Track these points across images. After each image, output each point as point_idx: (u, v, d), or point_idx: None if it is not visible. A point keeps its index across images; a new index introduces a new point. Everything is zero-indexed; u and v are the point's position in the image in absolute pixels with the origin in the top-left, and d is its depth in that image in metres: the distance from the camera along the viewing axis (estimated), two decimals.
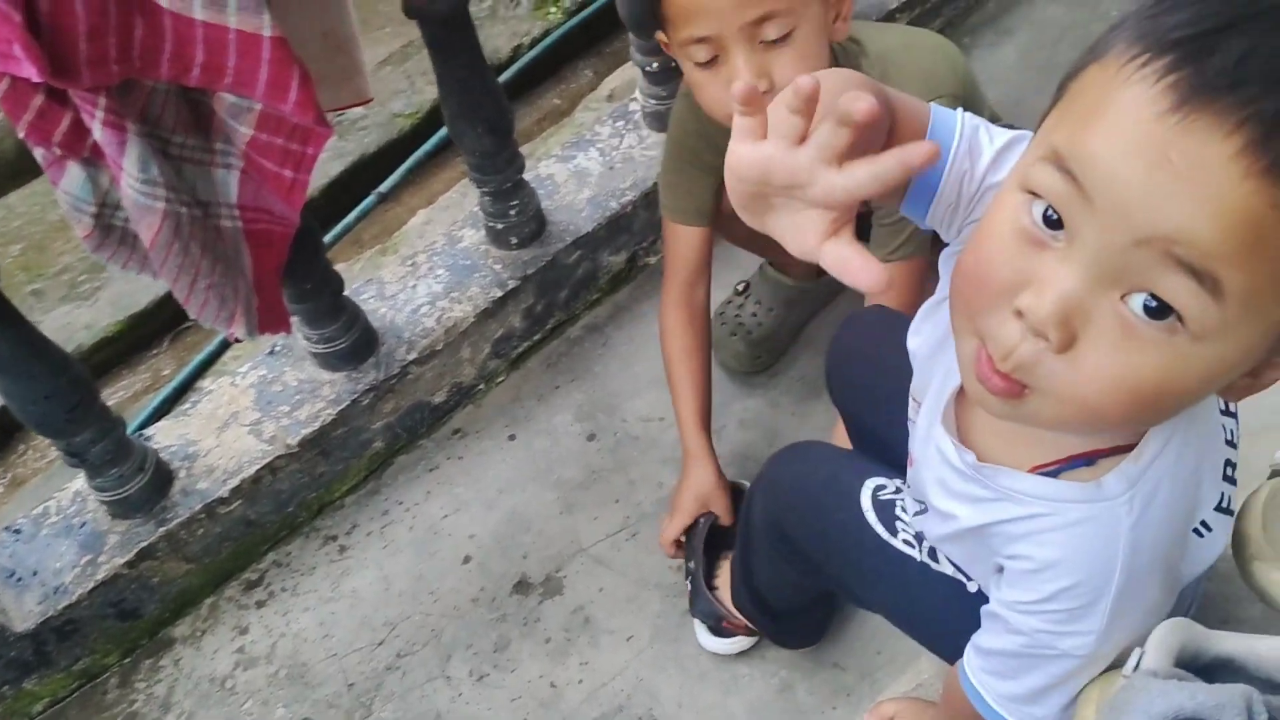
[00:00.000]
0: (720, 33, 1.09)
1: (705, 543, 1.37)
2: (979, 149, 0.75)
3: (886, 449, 1.04)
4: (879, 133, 0.65)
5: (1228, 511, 0.78)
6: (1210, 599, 1.04)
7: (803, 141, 0.58)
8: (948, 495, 0.81)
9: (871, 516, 1.01)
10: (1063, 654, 0.77)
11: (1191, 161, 0.52)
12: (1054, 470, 0.73)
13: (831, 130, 0.57)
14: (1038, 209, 0.59)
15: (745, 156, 0.60)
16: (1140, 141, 0.53)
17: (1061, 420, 0.63)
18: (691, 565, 1.37)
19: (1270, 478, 0.97)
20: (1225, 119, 0.51)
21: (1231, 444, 0.79)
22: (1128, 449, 0.71)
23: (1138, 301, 0.56)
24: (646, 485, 1.53)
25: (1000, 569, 0.80)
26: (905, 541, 0.99)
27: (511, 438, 1.62)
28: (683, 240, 1.38)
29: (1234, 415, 0.80)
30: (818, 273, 1.62)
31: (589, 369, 1.67)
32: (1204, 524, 0.77)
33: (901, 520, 1.00)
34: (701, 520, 1.38)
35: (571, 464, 1.57)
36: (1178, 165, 0.52)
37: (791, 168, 0.58)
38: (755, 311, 1.60)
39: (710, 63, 1.12)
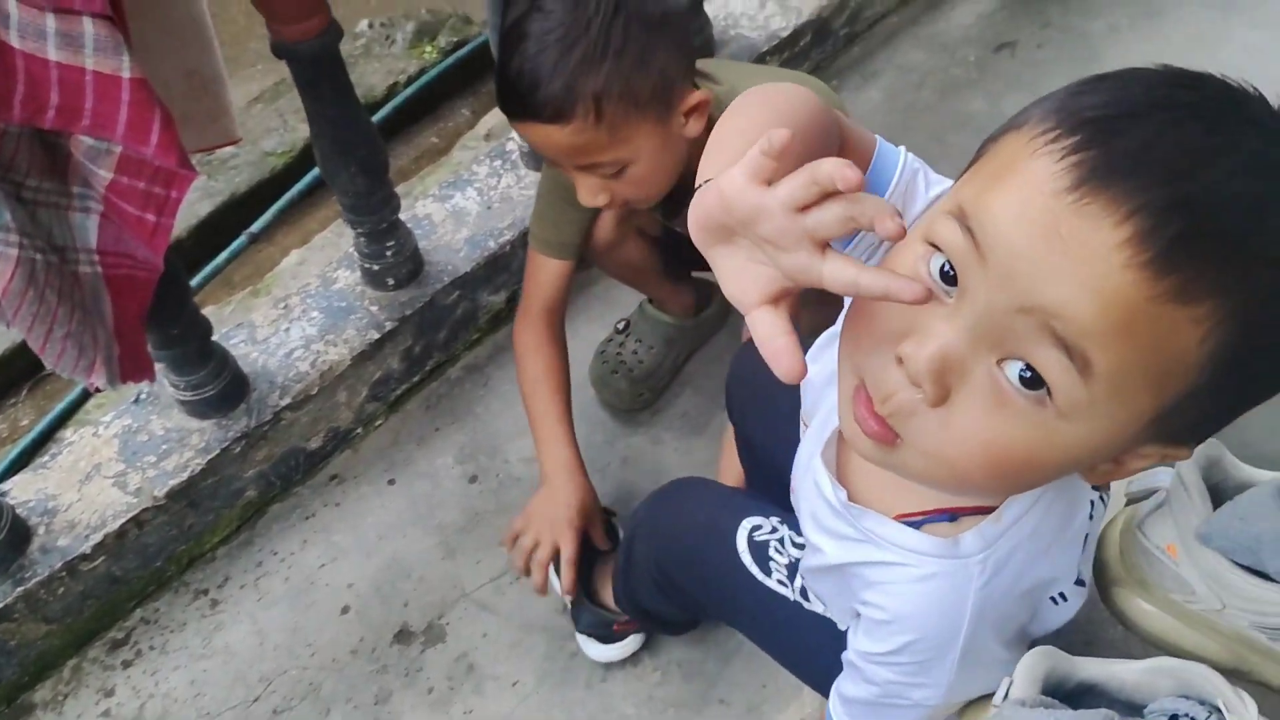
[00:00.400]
0: (559, 163, 1.18)
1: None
2: (915, 193, 0.76)
3: (776, 470, 1.05)
4: (832, 148, 0.67)
5: (1081, 583, 0.80)
6: (1073, 622, 1.08)
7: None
8: (818, 528, 0.82)
9: (747, 559, 1.02)
10: (915, 704, 0.78)
11: (1080, 241, 0.53)
12: (917, 521, 0.74)
13: (804, 185, 0.54)
14: (936, 262, 0.59)
15: (737, 186, 0.56)
16: (1036, 213, 0.54)
17: (928, 475, 0.64)
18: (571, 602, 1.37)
19: (1126, 505, 1.02)
20: (1118, 206, 0.52)
21: (1093, 518, 0.80)
22: (990, 510, 0.72)
23: (1014, 369, 0.57)
24: None
25: (857, 615, 0.81)
26: (779, 581, 1.00)
27: (391, 482, 1.59)
28: (546, 271, 1.38)
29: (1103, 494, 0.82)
30: (696, 310, 1.64)
31: (470, 410, 1.66)
32: (1061, 594, 0.79)
33: (775, 560, 1.01)
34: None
35: (453, 507, 1.55)
36: (1067, 242, 0.53)
37: (756, 205, 0.55)
38: (636, 349, 1.61)
39: None
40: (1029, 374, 0.56)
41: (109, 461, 1.46)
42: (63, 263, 1.08)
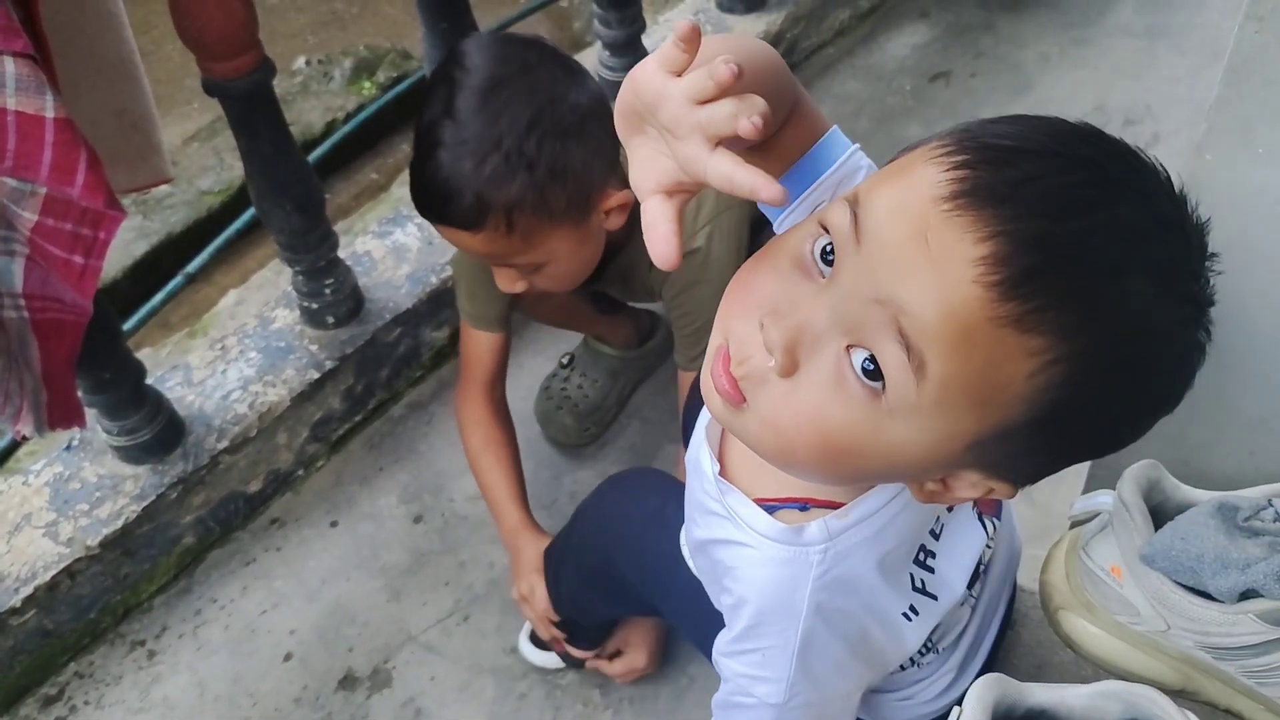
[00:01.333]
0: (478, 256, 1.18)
1: None
2: (853, 185, 0.77)
3: None
4: (781, 105, 0.69)
5: (926, 594, 0.80)
6: (1024, 646, 1.07)
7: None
8: (695, 505, 0.84)
9: (686, 550, 1.02)
10: (758, 702, 0.78)
11: (942, 248, 0.55)
12: (771, 506, 0.75)
13: (702, 78, 0.56)
14: (821, 242, 0.62)
15: (647, 71, 0.59)
16: (911, 213, 0.57)
17: (762, 443, 0.65)
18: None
19: (1071, 528, 1.02)
20: (984, 226, 0.54)
21: (934, 533, 0.81)
22: (840, 505, 0.74)
23: (859, 357, 0.59)
24: (477, 566, 1.49)
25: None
26: None
27: (334, 524, 1.56)
28: (482, 345, 1.37)
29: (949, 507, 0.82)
30: (639, 341, 1.63)
31: (414, 448, 1.63)
32: (911, 608, 0.79)
33: None
34: None
35: (397, 548, 1.52)
36: (930, 246, 0.55)
37: (659, 90, 0.57)
38: (581, 384, 1.60)
39: None
40: (871, 365, 0.58)
41: (39, 510, 1.41)
42: None
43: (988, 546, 0.86)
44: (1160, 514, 0.93)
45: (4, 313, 1.08)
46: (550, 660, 1.36)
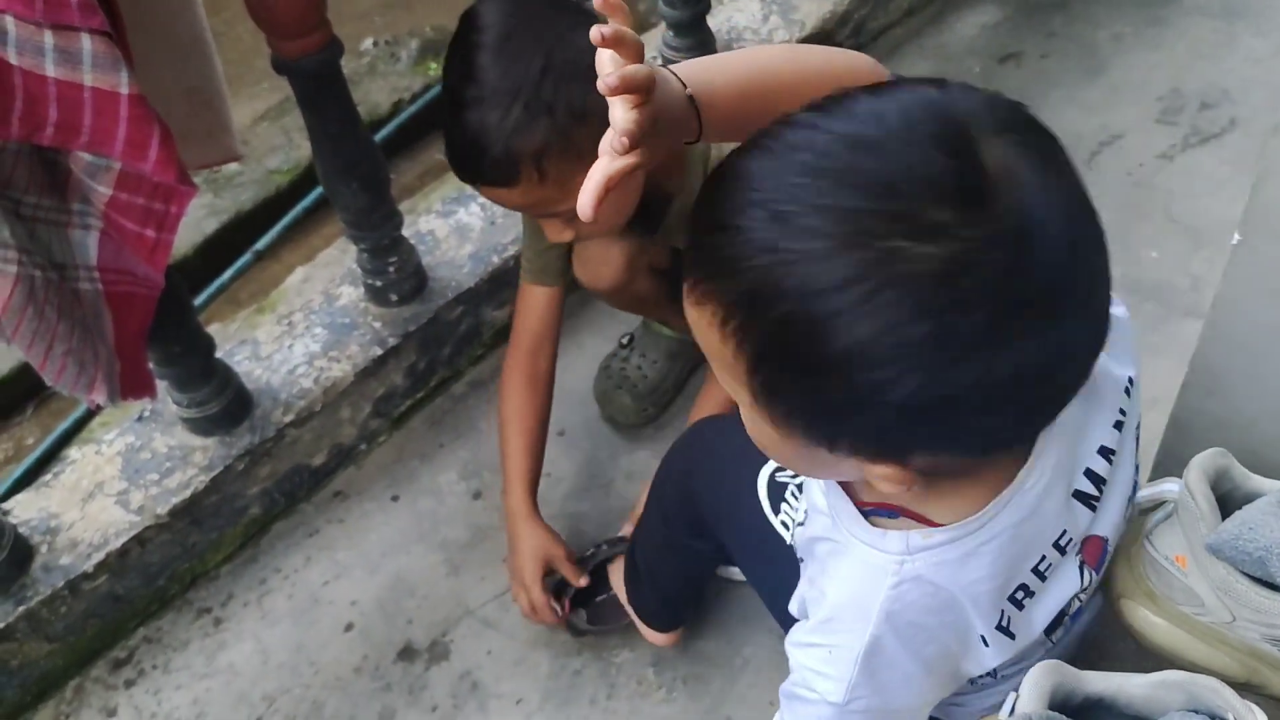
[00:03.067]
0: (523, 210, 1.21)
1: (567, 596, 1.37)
2: None
3: None
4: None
5: (1007, 633, 0.79)
6: (1085, 636, 1.06)
7: None
8: (810, 504, 0.85)
9: (762, 490, 1.08)
10: (819, 698, 0.78)
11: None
12: (868, 510, 0.75)
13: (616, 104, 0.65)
14: None
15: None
16: None
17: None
18: (577, 621, 1.38)
19: (1136, 515, 1.00)
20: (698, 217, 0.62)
21: (1040, 573, 0.79)
22: (933, 524, 0.73)
23: None
24: None
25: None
26: (783, 523, 1.06)
27: (395, 499, 1.58)
28: (535, 302, 1.39)
29: (1061, 549, 0.80)
30: None
31: (474, 426, 1.65)
32: (983, 639, 0.78)
33: (789, 504, 1.06)
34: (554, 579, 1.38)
35: (457, 523, 1.54)
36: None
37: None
38: (640, 364, 1.60)
39: None
40: None
41: (112, 480, 1.45)
42: (62, 280, 1.08)
43: (1078, 598, 0.84)
44: (1228, 503, 0.91)
45: (79, 285, 1.11)
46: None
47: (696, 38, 1.82)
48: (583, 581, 1.36)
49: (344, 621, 1.46)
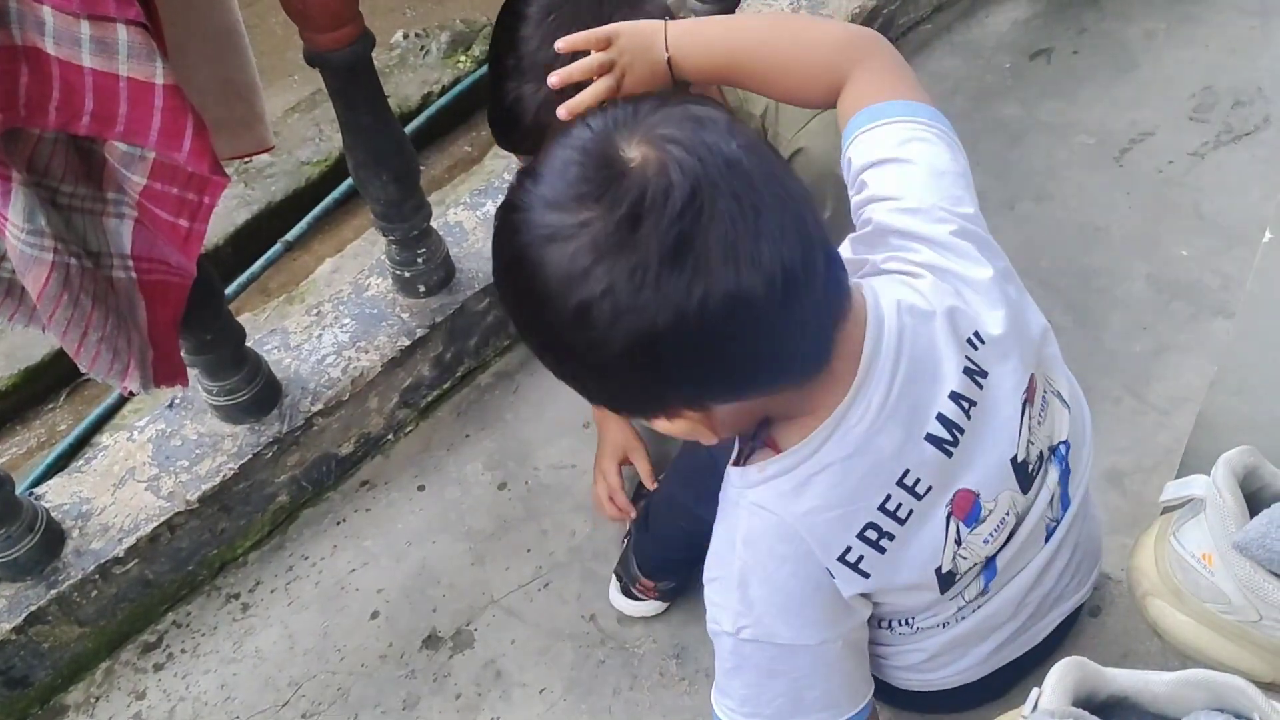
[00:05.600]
0: None
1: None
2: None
3: None
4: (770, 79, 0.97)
5: (858, 570, 0.84)
6: (1109, 634, 1.06)
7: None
8: None
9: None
10: (720, 631, 0.86)
11: None
12: (750, 452, 0.85)
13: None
14: None
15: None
16: None
17: None
18: (630, 525, 1.43)
19: (1161, 514, 1.00)
20: None
21: (898, 518, 0.83)
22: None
23: None
24: (559, 534, 1.51)
25: None
26: None
27: (421, 488, 1.59)
28: None
29: (916, 493, 0.84)
30: None
31: (500, 417, 1.66)
32: (828, 570, 0.83)
33: None
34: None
35: (482, 514, 1.55)
36: None
37: None
38: None
39: None
40: None
41: (143, 466, 1.47)
42: (97, 267, 1.09)
43: (964, 556, 0.87)
44: (1257, 501, 0.91)
45: (114, 273, 1.12)
46: (626, 606, 1.40)
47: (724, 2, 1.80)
48: (653, 484, 1.41)
49: (370, 609, 1.47)
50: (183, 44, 1.12)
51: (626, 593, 1.40)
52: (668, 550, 1.34)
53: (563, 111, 0.89)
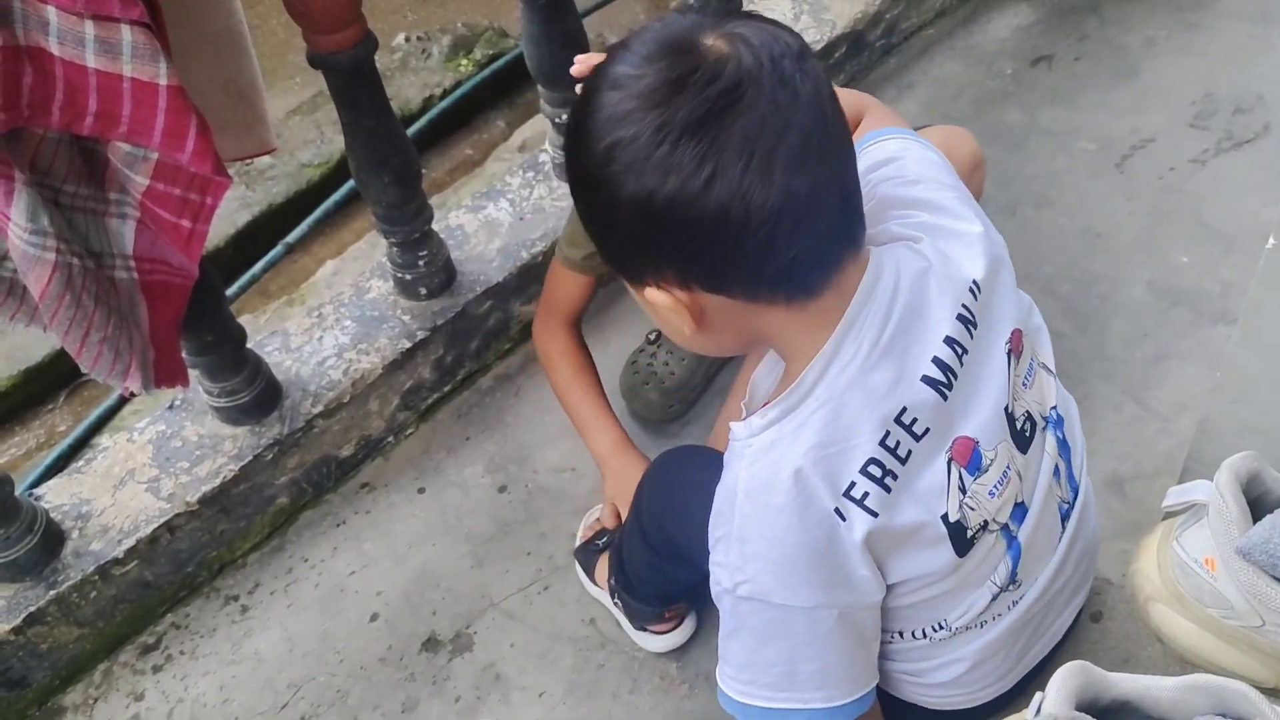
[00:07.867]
0: None
1: None
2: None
3: None
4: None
5: (865, 507, 0.83)
6: (1111, 639, 1.06)
7: None
8: None
9: None
10: (721, 590, 0.87)
11: None
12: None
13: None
14: None
15: None
16: None
17: None
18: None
19: (1163, 519, 1.00)
20: None
21: (900, 456, 0.84)
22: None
23: None
24: (559, 537, 1.51)
25: None
26: None
27: (421, 491, 1.59)
28: (571, 283, 1.42)
29: (914, 433, 0.85)
30: None
31: (500, 420, 1.66)
32: (837, 511, 0.83)
33: None
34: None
35: (482, 517, 1.55)
36: None
37: None
38: (667, 360, 1.60)
39: None
40: None
41: (143, 467, 1.47)
42: (99, 268, 1.09)
43: (969, 506, 0.87)
44: (1260, 507, 0.91)
45: (116, 273, 1.12)
46: (668, 642, 1.35)
47: None
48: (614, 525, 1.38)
49: (369, 611, 1.47)
50: (185, 45, 1.12)
51: (642, 630, 1.36)
52: (656, 585, 1.29)
53: (577, 68, 0.94)
